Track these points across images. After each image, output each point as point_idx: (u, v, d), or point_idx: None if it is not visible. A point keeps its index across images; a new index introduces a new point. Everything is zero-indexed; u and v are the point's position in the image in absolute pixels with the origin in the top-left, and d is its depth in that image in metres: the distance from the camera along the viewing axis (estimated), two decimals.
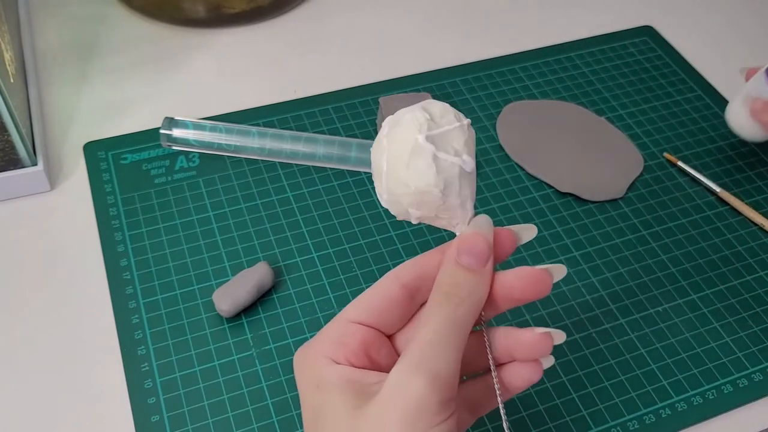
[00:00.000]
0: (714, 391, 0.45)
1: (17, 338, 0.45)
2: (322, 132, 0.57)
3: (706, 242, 0.52)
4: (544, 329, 0.31)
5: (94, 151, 0.55)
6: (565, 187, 0.54)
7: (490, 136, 0.58)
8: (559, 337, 0.31)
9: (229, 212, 0.52)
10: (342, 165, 0.54)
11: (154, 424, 0.41)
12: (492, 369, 0.31)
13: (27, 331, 0.45)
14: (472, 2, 0.72)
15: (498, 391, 0.31)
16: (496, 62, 0.65)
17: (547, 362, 0.32)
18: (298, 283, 0.48)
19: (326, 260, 0.49)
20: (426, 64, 0.64)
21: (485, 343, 0.31)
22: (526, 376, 0.31)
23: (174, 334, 0.45)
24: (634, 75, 0.65)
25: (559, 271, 0.31)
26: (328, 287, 0.48)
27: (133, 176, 0.53)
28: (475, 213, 0.31)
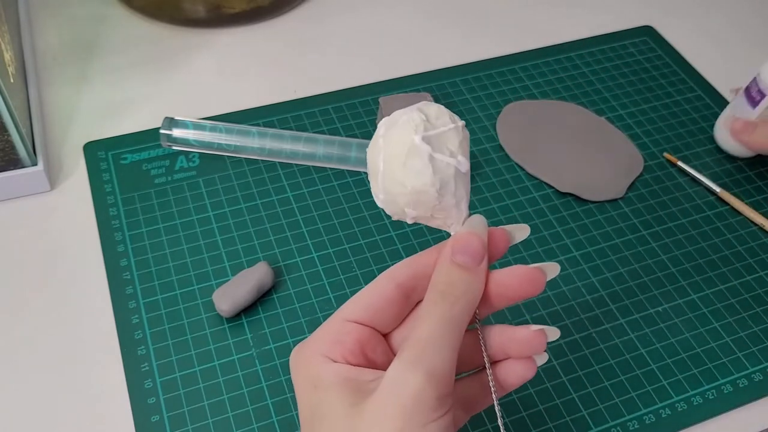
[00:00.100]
0: (714, 391, 0.45)
1: (17, 338, 0.45)
2: (322, 132, 0.58)
3: (706, 242, 0.52)
4: (538, 326, 0.31)
5: (94, 151, 0.55)
6: (565, 187, 0.54)
7: (490, 136, 0.58)
8: (553, 334, 0.32)
9: (229, 212, 0.52)
10: (342, 165, 0.54)
11: (154, 424, 0.41)
12: (487, 366, 0.31)
13: (27, 331, 0.45)
14: (472, 2, 0.72)
15: (493, 388, 0.31)
16: (496, 62, 0.65)
17: (541, 359, 0.32)
18: (298, 283, 0.48)
19: (326, 260, 0.49)
20: (426, 64, 0.64)
21: (480, 341, 0.32)
22: (521, 373, 0.32)
23: (174, 334, 0.45)
24: (634, 75, 0.65)
25: (553, 270, 0.32)
26: (328, 287, 0.48)
27: (133, 176, 0.53)
28: (473, 213, 0.31)
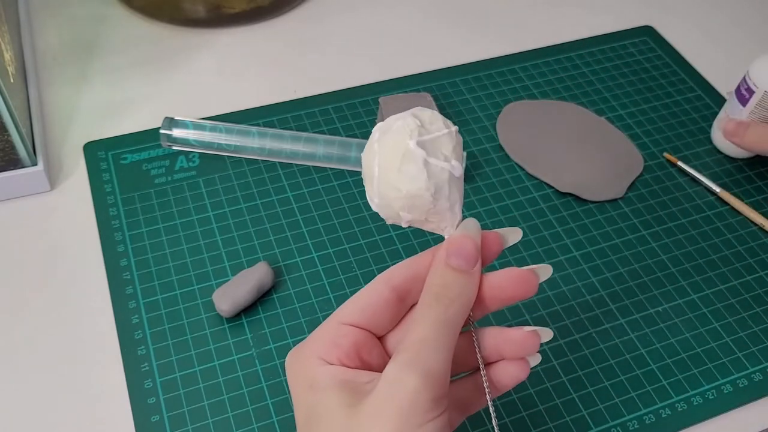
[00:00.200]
0: (714, 391, 0.45)
1: (17, 338, 0.45)
2: (322, 132, 0.58)
3: (706, 242, 0.52)
4: (531, 327, 0.32)
5: (94, 151, 0.55)
6: (565, 187, 0.54)
7: (490, 136, 0.58)
8: (546, 335, 0.32)
9: (229, 212, 0.52)
10: (342, 165, 0.54)
11: (154, 424, 0.41)
12: (481, 367, 0.32)
13: (27, 331, 0.45)
14: (472, 2, 0.72)
15: (487, 389, 0.31)
16: (496, 62, 0.65)
17: (534, 360, 0.33)
18: (298, 283, 0.48)
19: (326, 260, 0.49)
20: (426, 64, 0.64)
21: (474, 343, 0.32)
22: (514, 374, 0.32)
23: (174, 334, 0.45)
24: (634, 75, 0.65)
25: (545, 272, 0.32)
26: (328, 287, 0.48)
27: (133, 176, 0.53)
28: (471, 214, 0.31)
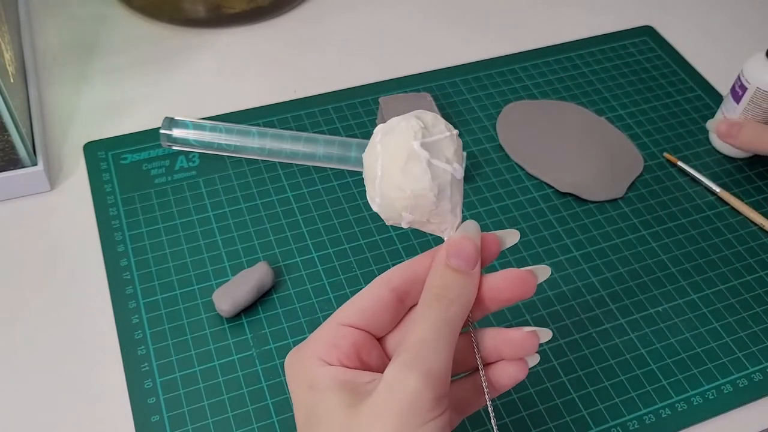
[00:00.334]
0: (714, 391, 0.45)
1: (17, 338, 0.45)
2: (322, 132, 0.58)
3: (706, 242, 0.52)
4: (531, 328, 0.32)
5: (94, 151, 0.55)
6: (565, 187, 0.54)
7: (490, 136, 0.58)
8: (545, 336, 0.33)
9: (229, 212, 0.52)
10: (342, 165, 0.54)
11: (154, 424, 0.41)
12: (480, 367, 0.32)
13: (27, 331, 0.45)
14: (472, 2, 0.72)
15: (486, 389, 0.32)
16: (496, 62, 0.65)
17: (533, 360, 0.33)
18: (298, 283, 0.48)
19: (326, 260, 0.49)
20: (426, 64, 0.64)
21: (473, 343, 0.32)
22: (513, 374, 0.32)
23: (174, 334, 0.45)
24: (634, 75, 0.65)
25: (544, 272, 0.32)
26: (328, 287, 0.48)
27: (133, 176, 0.53)
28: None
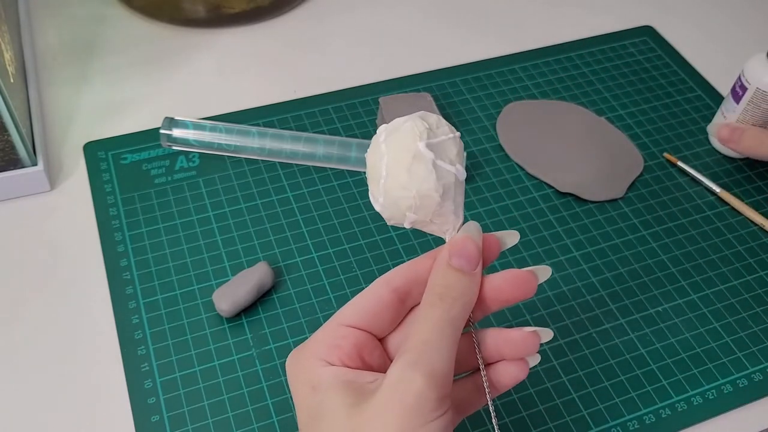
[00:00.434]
0: (714, 391, 0.45)
1: (17, 338, 0.45)
2: (322, 132, 0.58)
3: (706, 242, 0.52)
4: (532, 328, 0.32)
5: (94, 151, 0.55)
6: (565, 187, 0.54)
7: (490, 136, 0.58)
8: (546, 336, 0.33)
9: (229, 212, 0.52)
10: (342, 165, 0.54)
11: (154, 424, 0.41)
12: (481, 367, 0.32)
13: (27, 331, 0.45)
14: (472, 2, 0.72)
15: (487, 389, 0.32)
16: (496, 62, 0.65)
17: (534, 360, 0.33)
18: (298, 283, 0.48)
19: (326, 260, 0.49)
20: (426, 64, 0.64)
21: (474, 343, 0.32)
22: (514, 374, 0.33)
23: (174, 334, 0.45)
24: (634, 75, 0.65)
25: (544, 273, 0.33)
26: (328, 287, 0.48)
27: (133, 176, 0.53)
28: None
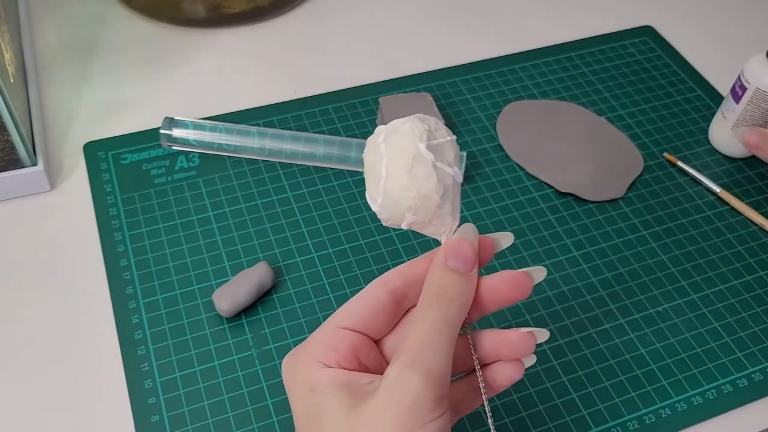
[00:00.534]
0: (714, 391, 0.45)
1: (17, 338, 0.45)
2: (322, 132, 0.58)
3: (706, 242, 0.52)
4: (528, 329, 0.33)
5: (94, 151, 0.55)
6: (565, 187, 0.54)
7: (490, 136, 0.58)
8: (542, 336, 0.33)
9: (229, 212, 0.52)
10: (342, 165, 0.54)
11: (154, 424, 0.41)
12: (476, 367, 0.32)
13: (27, 331, 0.45)
14: (472, 2, 0.72)
15: (483, 389, 0.32)
16: (496, 62, 0.65)
17: (529, 361, 0.34)
18: (298, 283, 0.48)
19: (326, 260, 0.49)
20: (426, 64, 0.64)
21: (470, 345, 0.33)
22: (510, 374, 0.33)
23: (174, 334, 0.45)
24: (634, 75, 0.65)
25: (539, 274, 0.33)
26: (328, 287, 0.48)
27: (133, 176, 0.53)
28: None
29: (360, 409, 0.28)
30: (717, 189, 0.55)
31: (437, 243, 0.32)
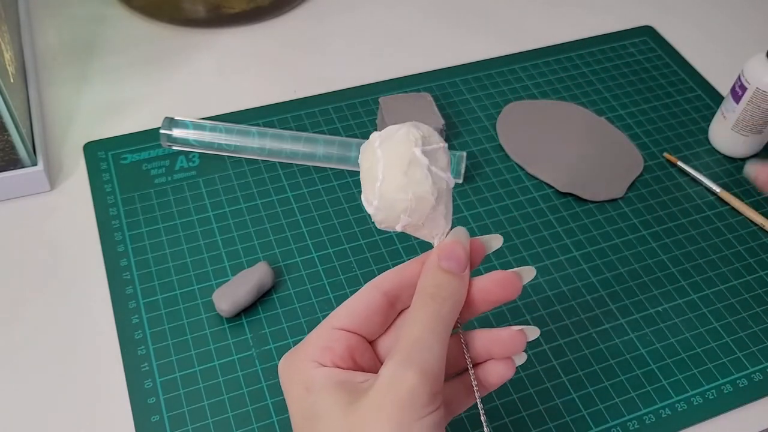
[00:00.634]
0: (714, 391, 0.45)
1: (17, 338, 0.45)
2: (322, 132, 0.58)
3: (706, 242, 0.52)
4: (518, 327, 0.33)
5: (94, 151, 0.55)
6: (565, 187, 0.54)
7: (490, 136, 0.58)
8: (533, 334, 0.34)
9: (229, 212, 0.52)
10: (342, 165, 0.54)
11: (154, 424, 0.41)
12: (469, 366, 0.33)
13: (27, 331, 0.45)
14: (472, 2, 0.72)
15: (476, 387, 0.33)
16: (496, 62, 0.65)
17: (519, 359, 0.34)
18: (298, 283, 0.48)
19: (326, 260, 0.49)
20: (426, 64, 0.64)
21: (462, 344, 0.33)
22: (501, 373, 0.33)
23: (174, 334, 0.45)
24: (634, 75, 0.65)
25: (528, 274, 0.34)
26: (328, 287, 0.48)
27: (133, 176, 0.53)
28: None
29: (356, 407, 0.29)
30: (717, 189, 0.55)
31: (430, 245, 0.33)
